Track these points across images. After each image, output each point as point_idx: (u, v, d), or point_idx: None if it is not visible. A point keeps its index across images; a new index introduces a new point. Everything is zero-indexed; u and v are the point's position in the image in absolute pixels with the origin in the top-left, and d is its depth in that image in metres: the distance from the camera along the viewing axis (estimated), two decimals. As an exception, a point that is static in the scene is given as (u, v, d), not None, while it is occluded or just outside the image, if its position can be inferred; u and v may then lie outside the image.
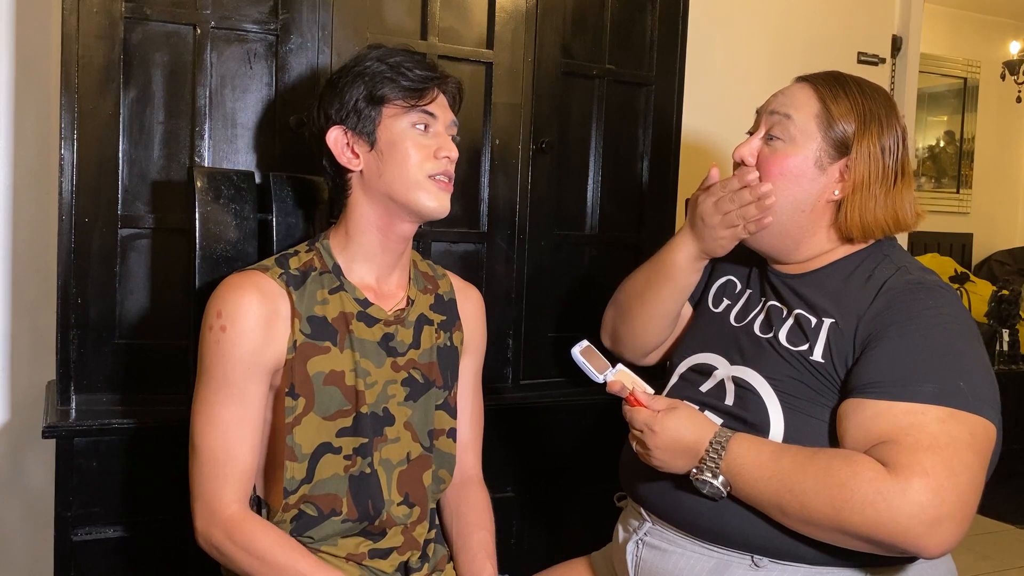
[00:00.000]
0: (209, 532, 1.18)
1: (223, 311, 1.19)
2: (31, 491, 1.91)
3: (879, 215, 1.25)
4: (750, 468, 1.13)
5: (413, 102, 1.23)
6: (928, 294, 1.18)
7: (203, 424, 1.19)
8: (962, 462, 1.05)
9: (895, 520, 1.03)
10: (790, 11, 2.88)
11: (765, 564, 1.18)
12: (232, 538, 1.16)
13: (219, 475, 1.18)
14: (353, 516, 1.22)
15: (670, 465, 1.19)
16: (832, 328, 1.21)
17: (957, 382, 1.10)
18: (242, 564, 1.16)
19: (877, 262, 1.25)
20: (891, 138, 1.26)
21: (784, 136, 1.26)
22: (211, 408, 1.19)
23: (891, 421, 1.09)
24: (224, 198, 1.37)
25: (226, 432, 1.18)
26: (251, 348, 1.18)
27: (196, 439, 1.19)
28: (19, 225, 1.89)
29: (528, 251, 1.79)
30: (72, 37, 1.44)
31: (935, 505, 1.03)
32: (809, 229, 1.28)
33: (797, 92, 1.29)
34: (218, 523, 1.17)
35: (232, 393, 1.18)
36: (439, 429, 1.31)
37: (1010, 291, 3.81)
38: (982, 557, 3.06)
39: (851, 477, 1.06)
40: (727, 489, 1.15)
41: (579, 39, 1.84)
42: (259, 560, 1.16)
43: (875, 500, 1.04)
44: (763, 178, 1.27)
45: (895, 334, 1.14)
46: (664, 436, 1.18)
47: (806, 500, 1.08)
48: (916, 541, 1.03)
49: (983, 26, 5.81)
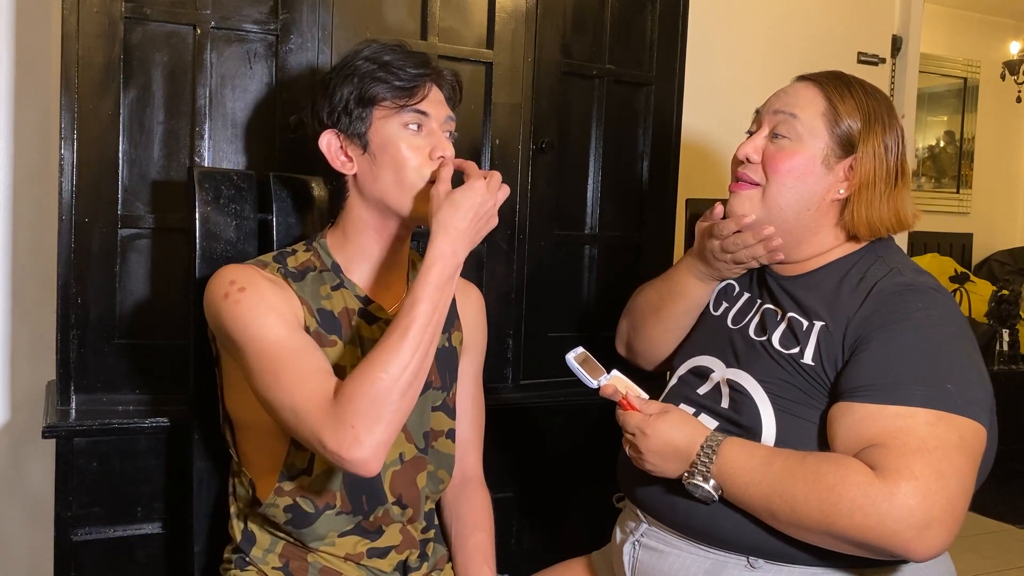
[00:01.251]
0: (341, 435, 1.04)
1: (236, 279, 1.16)
2: (31, 491, 1.91)
3: (884, 213, 1.26)
4: (740, 472, 1.13)
5: (403, 101, 1.20)
6: (917, 296, 1.18)
7: (265, 348, 1.10)
8: (951, 465, 1.05)
9: (883, 524, 1.03)
10: (790, 11, 2.88)
11: (761, 565, 1.18)
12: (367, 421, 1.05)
13: (312, 374, 1.09)
14: (347, 509, 1.21)
15: (662, 469, 1.19)
16: (822, 331, 1.21)
17: (945, 384, 1.09)
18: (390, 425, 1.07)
19: (871, 263, 1.25)
20: (893, 138, 1.27)
21: (790, 134, 1.26)
22: (266, 332, 1.11)
23: (880, 425, 1.09)
24: (224, 198, 1.37)
25: (291, 337, 1.11)
26: (276, 301, 1.15)
27: (271, 359, 1.10)
28: (19, 225, 1.89)
29: (528, 251, 1.79)
30: (72, 37, 1.43)
31: (924, 509, 1.02)
32: (812, 228, 1.28)
33: (801, 91, 1.29)
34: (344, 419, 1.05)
35: (279, 322, 1.12)
36: (436, 430, 1.31)
37: (1010, 291, 3.81)
38: (982, 557, 3.06)
39: (840, 481, 1.06)
40: (718, 493, 1.15)
41: (579, 39, 1.84)
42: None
43: (863, 504, 1.04)
44: (769, 175, 1.27)
45: (883, 337, 1.14)
46: (656, 440, 1.18)
47: (796, 505, 1.08)
48: (905, 545, 1.03)
49: (983, 26, 5.80)
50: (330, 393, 1.07)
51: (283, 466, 1.19)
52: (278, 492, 1.19)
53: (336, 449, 1.04)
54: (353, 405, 1.05)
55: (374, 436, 1.04)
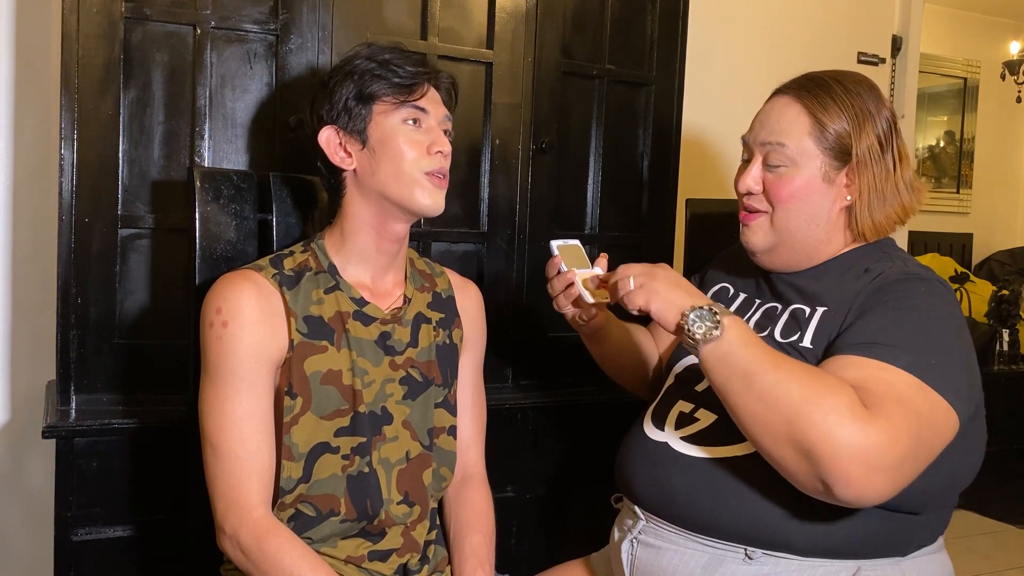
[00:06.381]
0: (238, 534, 1.15)
1: (223, 307, 1.18)
2: (31, 491, 1.91)
3: (888, 212, 1.27)
4: (745, 330, 1.12)
5: (403, 98, 1.23)
6: (922, 283, 1.19)
7: (217, 422, 1.17)
8: (918, 428, 1.05)
9: (846, 445, 1.02)
10: (790, 11, 2.88)
11: (758, 556, 1.18)
12: (261, 545, 1.15)
13: (242, 472, 1.16)
14: (352, 516, 1.22)
15: (670, 299, 1.15)
16: (824, 315, 1.23)
17: (930, 359, 1.10)
18: (266, 573, 1.15)
19: (877, 258, 1.27)
20: (883, 124, 1.27)
21: (784, 162, 1.27)
22: (223, 405, 1.17)
23: (865, 371, 1.10)
24: (224, 198, 1.37)
25: (242, 428, 1.17)
26: (255, 341, 1.18)
27: (212, 437, 1.17)
28: (19, 225, 1.89)
29: (528, 251, 1.79)
30: (72, 37, 1.44)
31: (881, 452, 1.02)
32: (824, 239, 1.29)
33: (783, 111, 1.28)
34: (247, 526, 1.15)
35: (242, 388, 1.17)
36: (439, 427, 1.31)
37: (1010, 291, 3.81)
38: (982, 557, 3.07)
39: (836, 384, 1.06)
40: (719, 332, 1.10)
41: (579, 39, 1.84)
42: (285, 573, 1.14)
43: (842, 417, 1.02)
44: (774, 204, 1.28)
45: (881, 309, 1.16)
46: (668, 273, 1.19)
47: (782, 381, 1.06)
48: (846, 475, 1.01)
49: (983, 26, 5.80)
50: (252, 499, 1.16)
51: (281, 480, 1.20)
52: (281, 508, 1.20)
53: (229, 535, 1.16)
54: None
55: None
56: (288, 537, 1.17)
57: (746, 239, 1.32)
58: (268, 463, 1.18)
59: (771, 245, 1.30)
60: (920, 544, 1.22)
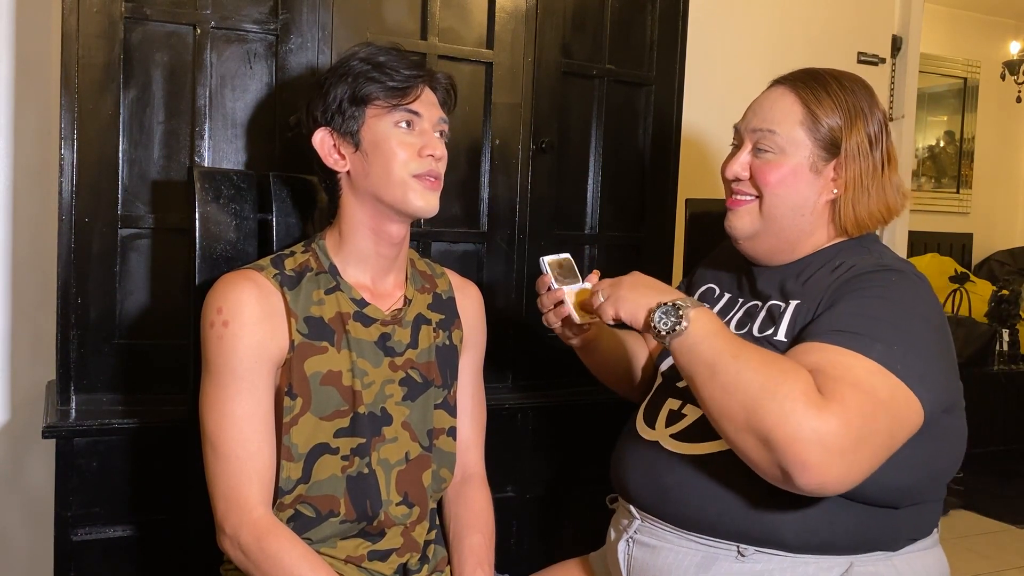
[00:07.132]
0: (238, 534, 1.15)
1: (223, 307, 1.19)
2: (31, 491, 1.91)
3: (872, 208, 1.27)
4: (712, 321, 1.13)
5: (396, 101, 1.22)
6: (894, 274, 1.20)
7: (217, 421, 1.17)
8: (874, 414, 1.05)
9: (800, 430, 1.02)
10: (790, 11, 2.88)
11: (750, 553, 1.18)
12: (261, 545, 1.15)
13: (243, 472, 1.16)
14: (351, 517, 1.22)
15: (634, 301, 1.18)
16: (796, 308, 1.24)
17: (893, 347, 1.10)
18: (267, 573, 1.15)
19: (855, 253, 1.27)
20: (875, 126, 1.28)
21: (772, 148, 1.28)
22: (224, 405, 1.17)
23: (824, 356, 1.10)
24: (224, 198, 1.37)
25: (243, 428, 1.17)
26: (255, 341, 1.18)
27: (213, 437, 1.17)
28: (19, 225, 1.89)
29: (528, 251, 1.79)
30: (72, 37, 1.44)
31: (838, 434, 1.02)
32: (808, 230, 1.29)
33: (778, 100, 1.29)
34: (247, 525, 1.15)
35: (243, 387, 1.17)
36: (438, 428, 1.31)
37: (1010, 291, 3.81)
38: (982, 557, 3.07)
39: (792, 371, 1.06)
40: (686, 324, 1.12)
41: (579, 39, 1.84)
42: (285, 573, 1.15)
43: (796, 403, 1.03)
44: (762, 189, 1.28)
45: (850, 297, 1.17)
46: (633, 279, 1.21)
47: (742, 369, 1.07)
48: (803, 461, 1.02)
49: (983, 26, 5.81)
50: (252, 499, 1.16)
51: (280, 481, 1.20)
52: (280, 508, 1.20)
53: (229, 534, 1.16)
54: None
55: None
56: (288, 537, 1.17)
57: (731, 224, 1.32)
58: (268, 463, 1.18)
59: (755, 231, 1.30)
60: (910, 538, 1.22)
